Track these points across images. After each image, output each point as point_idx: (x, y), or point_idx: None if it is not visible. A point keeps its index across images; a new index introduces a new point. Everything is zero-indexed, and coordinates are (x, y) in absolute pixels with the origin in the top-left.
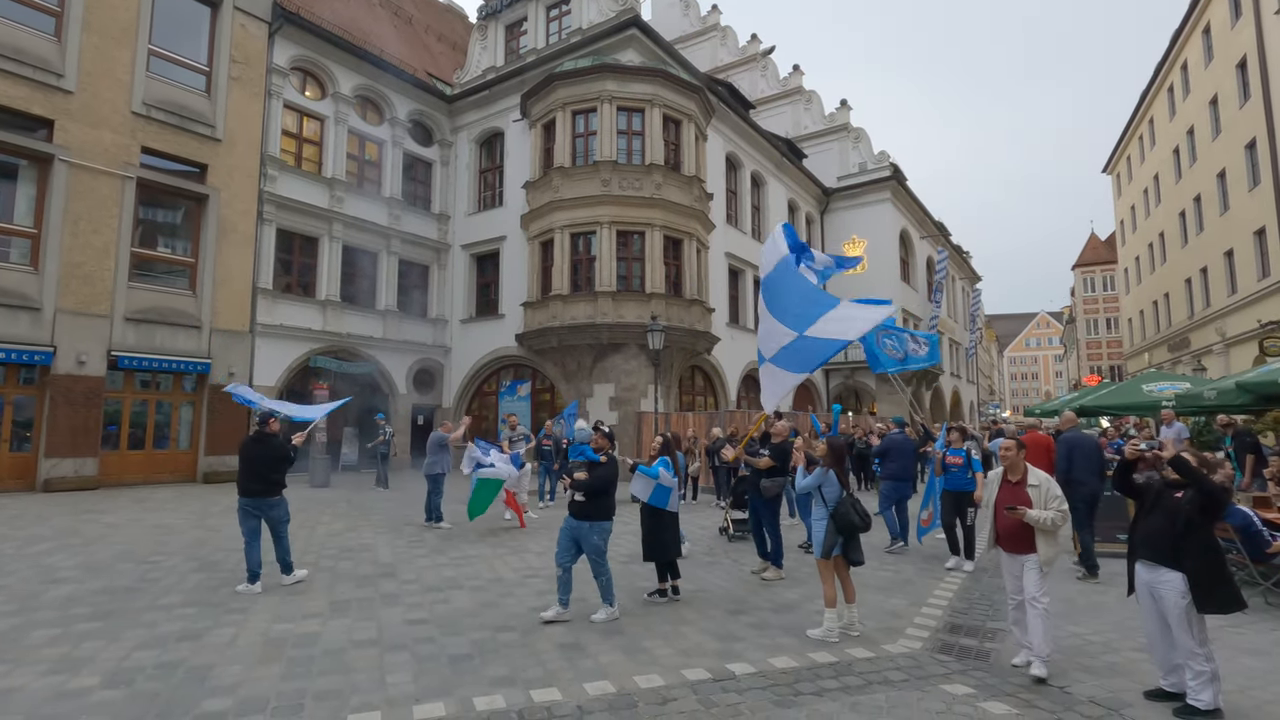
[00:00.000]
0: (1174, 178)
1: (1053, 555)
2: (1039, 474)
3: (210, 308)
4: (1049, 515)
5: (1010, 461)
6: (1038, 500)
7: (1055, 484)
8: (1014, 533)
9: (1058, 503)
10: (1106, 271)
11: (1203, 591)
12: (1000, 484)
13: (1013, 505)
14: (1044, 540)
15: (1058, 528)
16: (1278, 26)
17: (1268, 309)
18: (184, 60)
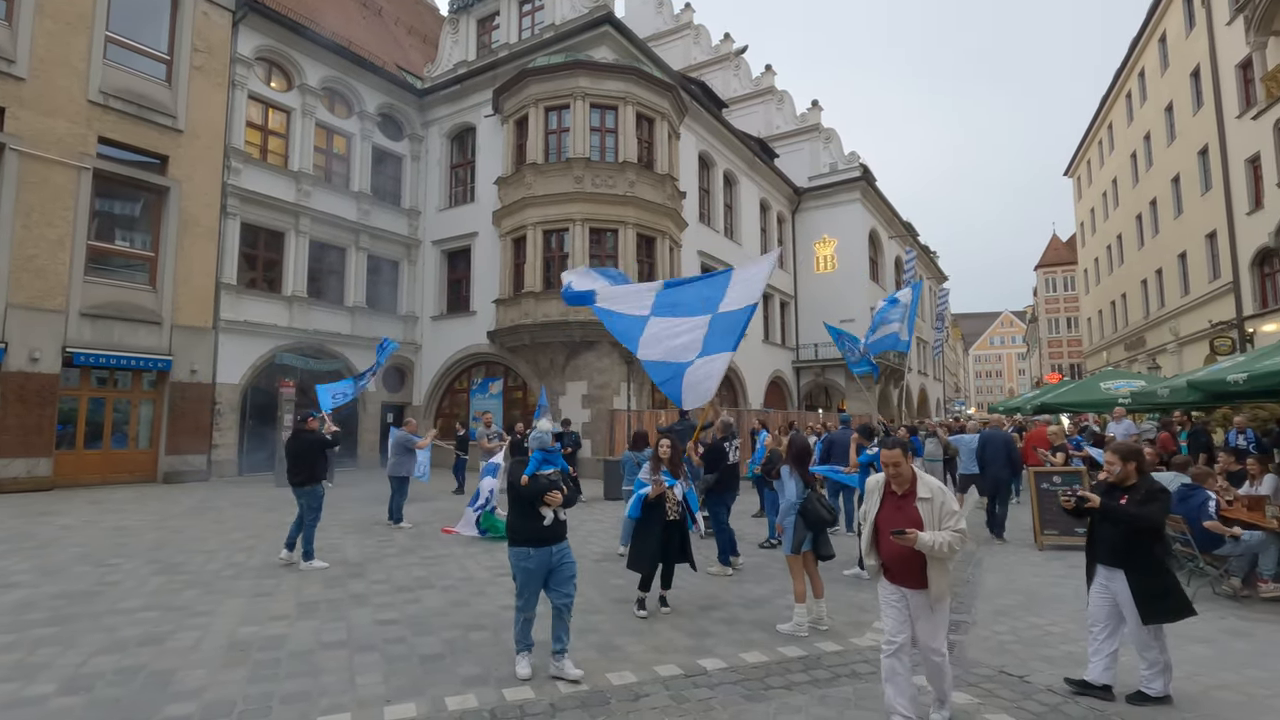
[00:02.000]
0: (1131, 182)
1: (945, 589)
2: (931, 483)
3: (171, 303)
4: (944, 538)
5: (895, 469)
6: (929, 518)
7: (951, 496)
8: (904, 561)
9: (954, 520)
10: (1067, 272)
11: (1144, 602)
12: (883, 497)
13: (901, 529)
14: (935, 569)
15: (954, 554)
16: (1229, 37)
17: (1218, 309)
18: (143, 48)
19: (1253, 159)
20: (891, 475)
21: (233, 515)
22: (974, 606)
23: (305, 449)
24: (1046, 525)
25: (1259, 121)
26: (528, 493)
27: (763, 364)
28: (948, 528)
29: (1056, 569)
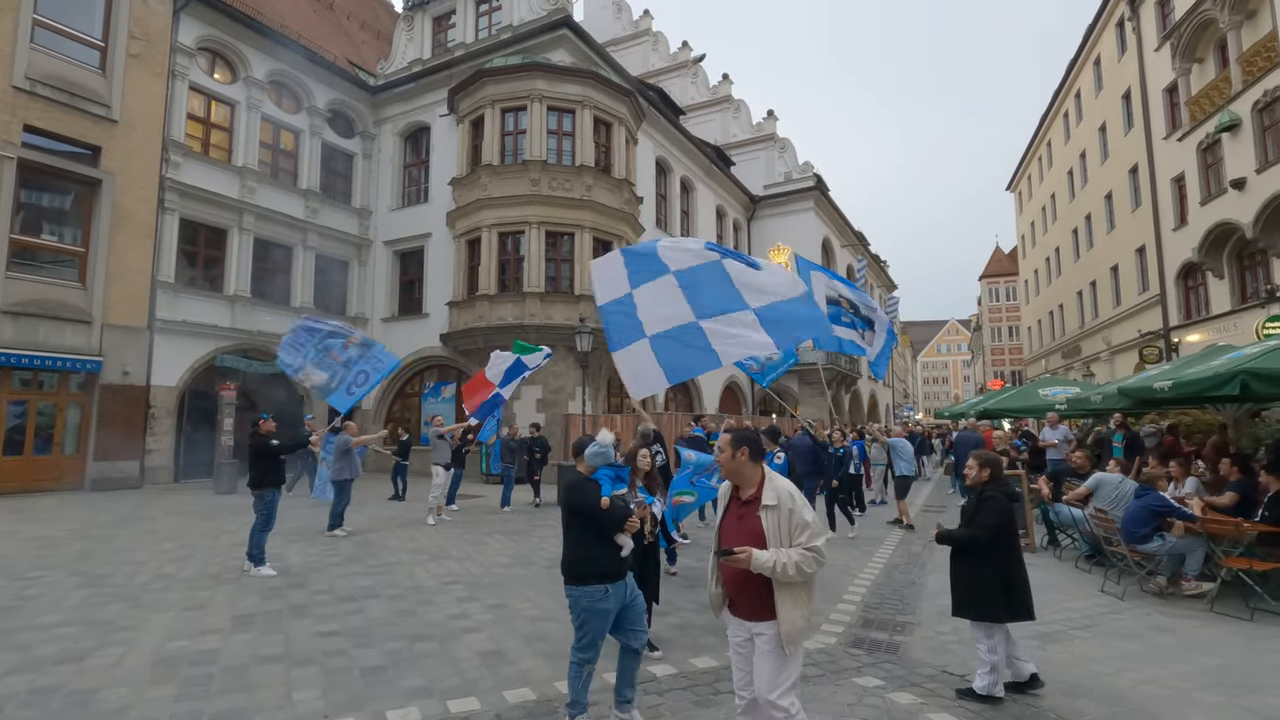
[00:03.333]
0: (1068, 197)
1: (801, 625)
2: (781, 488)
3: (102, 301)
4: (788, 558)
5: (731, 468)
6: (774, 531)
7: (804, 504)
8: (745, 587)
9: (805, 534)
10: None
11: (956, 594)
12: (729, 504)
13: (728, 549)
14: (785, 599)
15: (805, 578)
16: (1157, 63)
17: (1146, 320)
18: (75, 33)
19: (1178, 178)
20: (726, 474)
21: (166, 524)
22: (918, 607)
23: (256, 452)
24: None
25: (1184, 143)
26: (608, 518)
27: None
28: (798, 544)
29: None
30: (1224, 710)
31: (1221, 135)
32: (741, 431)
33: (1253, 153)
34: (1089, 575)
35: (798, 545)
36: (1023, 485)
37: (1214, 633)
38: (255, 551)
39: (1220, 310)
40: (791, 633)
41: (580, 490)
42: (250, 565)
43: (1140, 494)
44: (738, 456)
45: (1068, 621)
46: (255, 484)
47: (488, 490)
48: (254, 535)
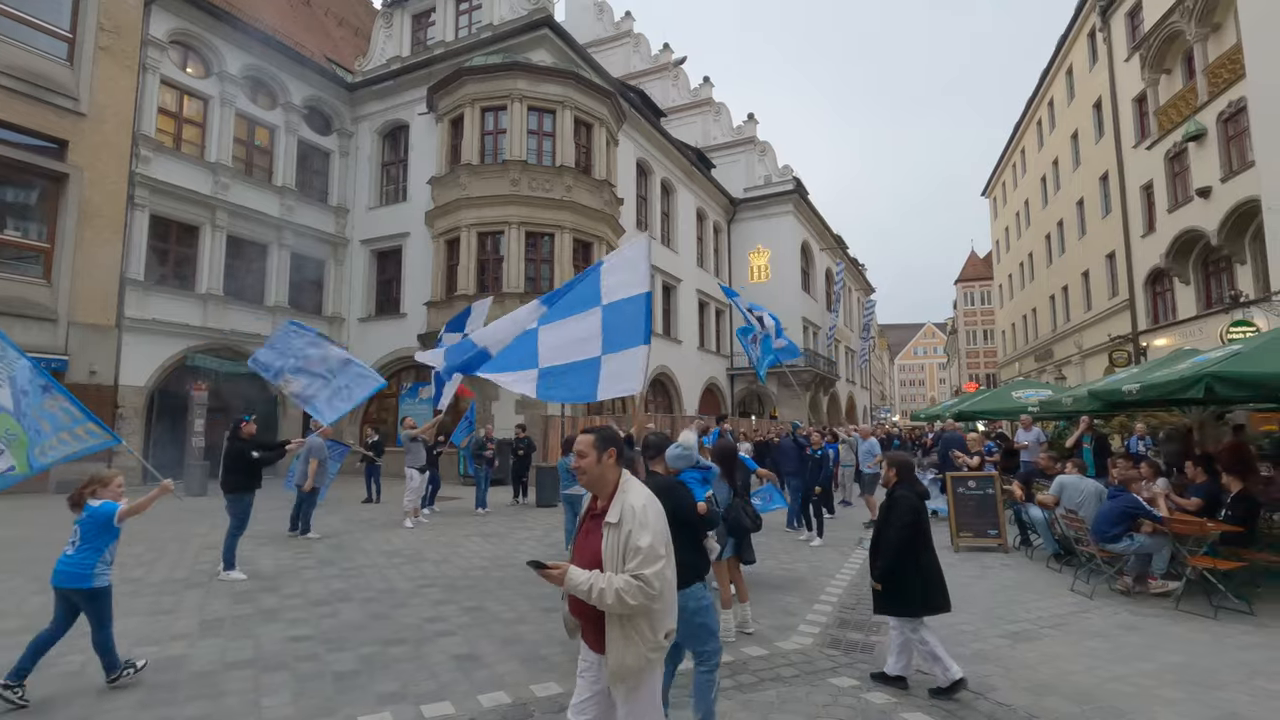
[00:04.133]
0: (1041, 203)
1: (633, 665)
2: (629, 501)
3: (69, 299)
4: (607, 584)
5: (595, 474)
6: (610, 550)
7: (647, 525)
8: (581, 610)
9: (637, 561)
10: (984, 287)
11: (877, 597)
12: (586, 513)
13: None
14: (614, 632)
15: (628, 609)
16: (1127, 73)
17: (1116, 324)
18: (41, 24)
19: (1147, 186)
20: (587, 482)
21: (132, 527)
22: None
23: (233, 456)
24: (962, 528)
25: (1152, 151)
26: (704, 523)
27: (698, 371)
28: (629, 570)
29: (970, 569)
30: (1188, 706)
31: (1188, 144)
32: (606, 430)
33: (1217, 162)
34: (1059, 575)
35: (629, 568)
36: (995, 487)
37: (1179, 630)
38: (227, 555)
39: (1186, 315)
40: (619, 671)
41: (675, 495)
42: (220, 568)
43: (1113, 495)
44: (604, 460)
45: (1038, 620)
46: (230, 487)
47: (465, 492)
48: (229, 539)
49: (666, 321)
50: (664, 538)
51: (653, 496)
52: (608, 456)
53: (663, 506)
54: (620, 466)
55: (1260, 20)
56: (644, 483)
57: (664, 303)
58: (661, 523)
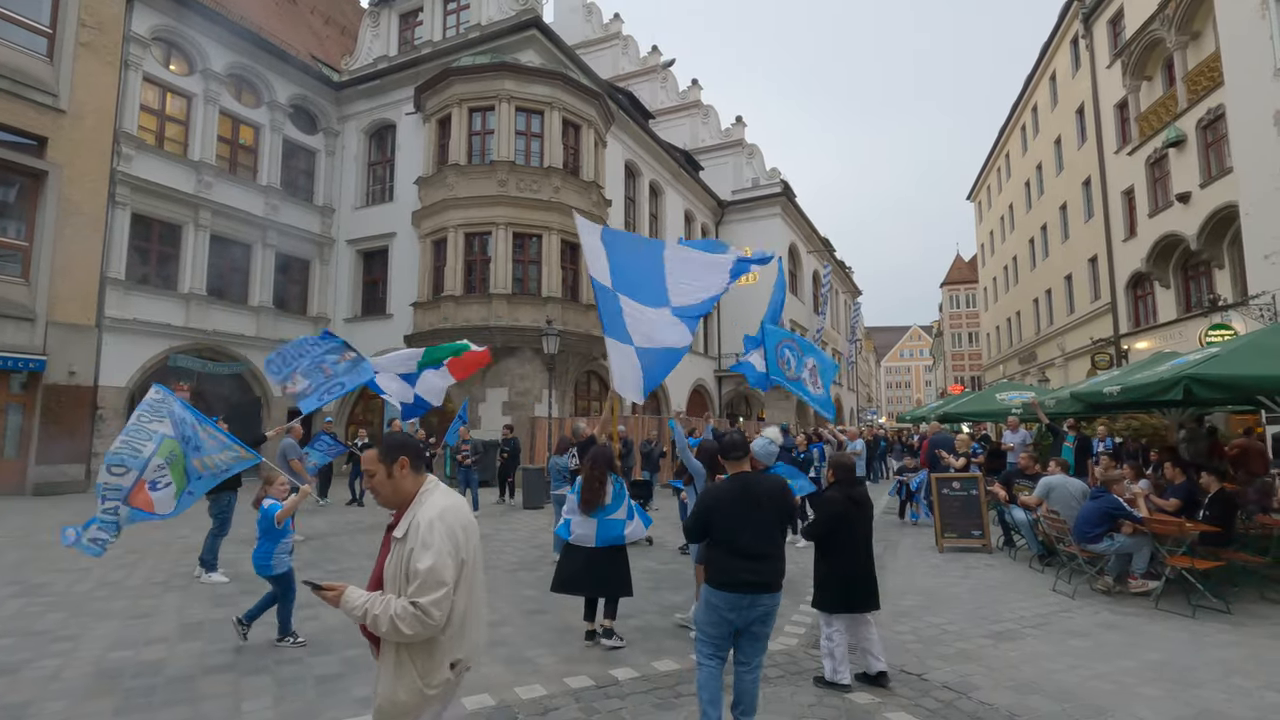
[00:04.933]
0: (1025, 208)
1: (405, 702)
2: (419, 518)
3: (47, 298)
4: (386, 609)
5: (387, 490)
6: (392, 569)
7: (430, 546)
8: (372, 635)
9: (414, 585)
10: (970, 290)
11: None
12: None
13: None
14: (388, 660)
15: (402, 638)
16: (1109, 79)
17: (1098, 328)
18: (20, 19)
19: (1128, 191)
20: (383, 500)
21: None
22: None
23: None
24: (947, 528)
25: (1133, 157)
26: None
27: (685, 372)
28: (409, 594)
29: (955, 570)
30: (1165, 704)
31: (1168, 150)
32: (396, 437)
33: (1197, 168)
34: (1041, 575)
35: (408, 591)
36: (980, 488)
37: (1158, 629)
38: (208, 557)
39: (1167, 318)
40: (387, 707)
41: (789, 492)
42: (201, 571)
43: (1095, 495)
44: (396, 472)
45: (1021, 620)
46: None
47: None
48: (210, 540)
49: None
50: (453, 560)
51: (453, 510)
52: (399, 467)
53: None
54: (418, 474)
55: (1238, 28)
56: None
57: None
58: (452, 543)
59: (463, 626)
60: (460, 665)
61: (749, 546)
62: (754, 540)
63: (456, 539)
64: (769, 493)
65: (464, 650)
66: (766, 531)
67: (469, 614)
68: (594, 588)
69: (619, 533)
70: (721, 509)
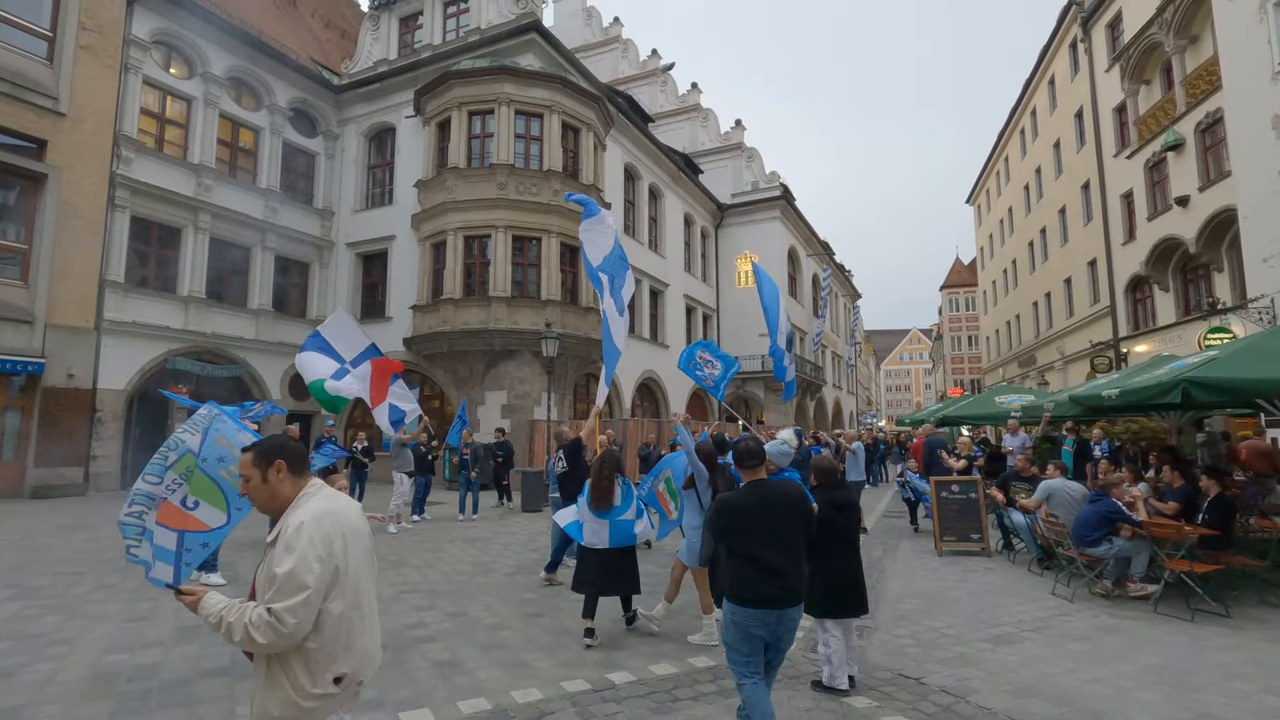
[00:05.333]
0: (1024, 211)
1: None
2: (297, 515)
3: (46, 300)
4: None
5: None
6: (262, 574)
7: (305, 542)
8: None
9: (272, 591)
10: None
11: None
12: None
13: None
14: (261, 671)
15: (256, 648)
16: (1107, 83)
17: (1097, 331)
18: (20, 22)
19: (1127, 195)
20: (260, 506)
21: (109, 534)
22: (877, 612)
23: None
24: (946, 532)
25: (1132, 161)
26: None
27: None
28: (265, 599)
29: (954, 573)
30: (1164, 708)
31: (1167, 154)
32: (273, 440)
33: (1195, 171)
34: (1040, 579)
35: (264, 599)
36: (979, 491)
37: (1157, 633)
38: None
39: (1166, 322)
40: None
41: (805, 495)
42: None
43: (1094, 499)
44: (272, 477)
45: (1020, 624)
46: None
47: (450, 497)
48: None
49: (653, 326)
50: (320, 565)
51: (332, 514)
52: (275, 471)
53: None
54: (298, 477)
55: (1236, 32)
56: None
57: (651, 308)
58: (323, 548)
59: (347, 638)
60: (348, 680)
61: (773, 560)
62: (778, 554)
63: (331, 544)
64: (789, 501)
65: (351, 664)
66: (790, 543)
67: (355, 625)
68: (608, 588)
69: (630, 533)
70: (740, 522)
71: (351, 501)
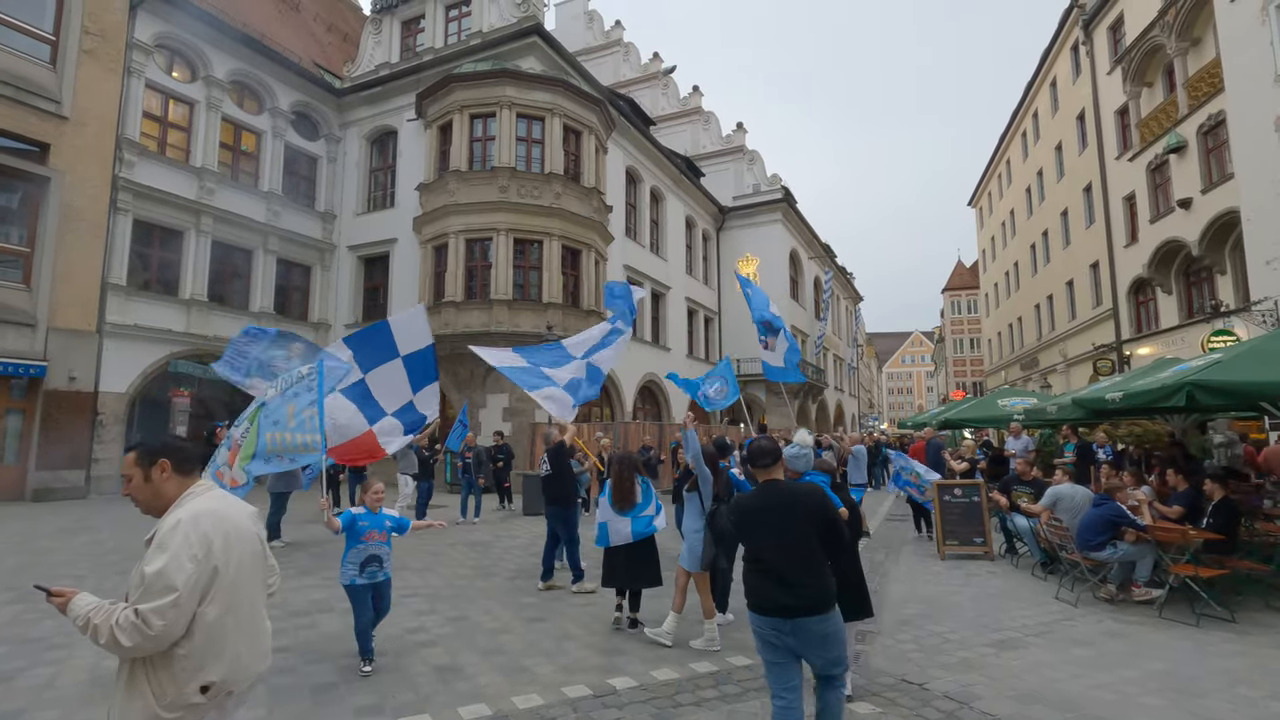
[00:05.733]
0: (1026, 214)
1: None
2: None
3: (48, 303)
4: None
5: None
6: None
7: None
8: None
9: (139, 592)
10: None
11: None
12: None
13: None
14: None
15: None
16: (1109, 85)
17: (1100, 333)
18: (23, 25)
19: (1129, 197)
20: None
21: (111, 536)
22: (880, 616)
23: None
24: (949, 535)
25: (1134, 163)
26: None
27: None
28: (132, 600)
29: (956, 578)
30: (1169, 714)
31: (1169, 156)
32: (158, 439)
33: (1198, 174)
34: (1044, 583)
35: (130, 600)
36: (981, 494)
37: (1162, 638)
38: None
39: (1169, 324)
40: None
41: (816, 499)
42: None
43: (1099, 503)
44: (155, 476)
45: (1023, 629)
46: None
47: (451, 500)
48: None
49: (655, 329)
50: (193, 565)
51: (213, 515)
52: (159, 470)
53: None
54: (184, 477)
55: (1238, 34)
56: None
57: (653, 310)
58: (199, 548)
59: (219, 644)
60: (216, 689)
61: (778, 565)
62: (783, 557)
63: (209, 544)
64: (802, 503)
65: (221, 672)
66: (799, 547)
67: (230, 631)
68: (636, 580)
69: (650, 526)
70: (744, 523)
71: (244, 504)
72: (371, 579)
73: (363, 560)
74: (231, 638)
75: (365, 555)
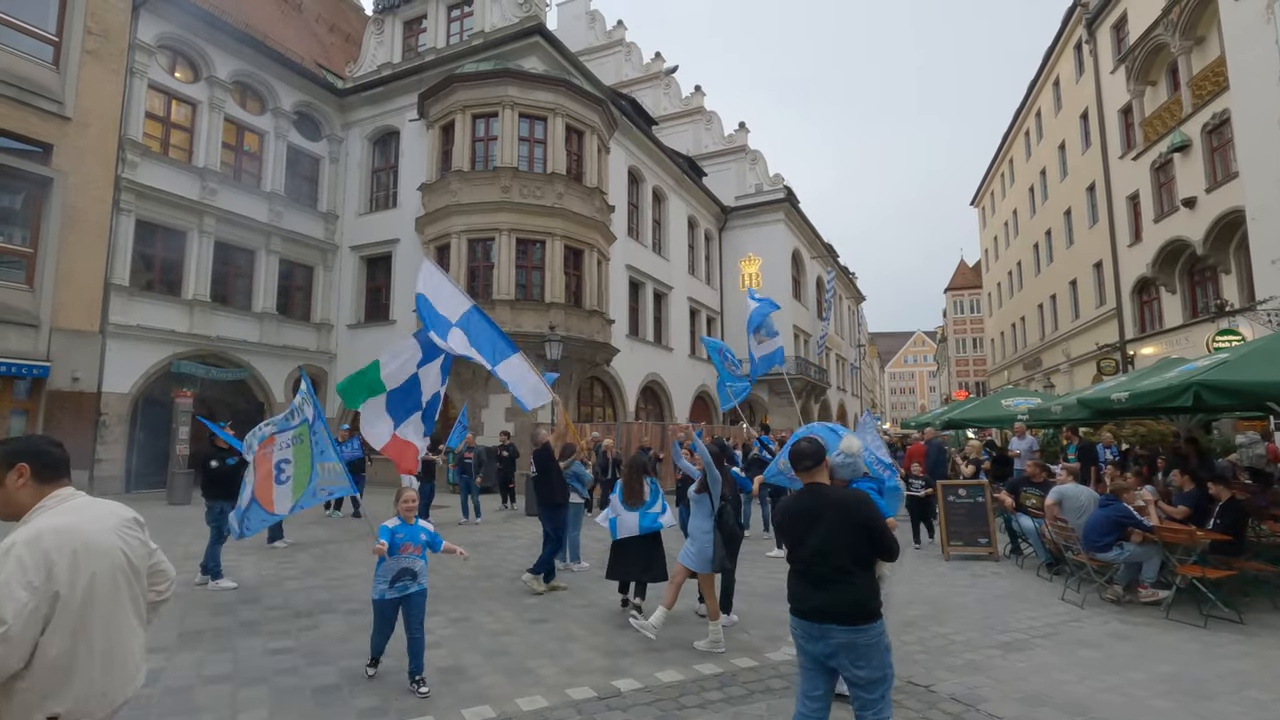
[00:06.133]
0: (1029, 213)
1: None
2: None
3: (51, 304)
4: None
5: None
6: None
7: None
8: None
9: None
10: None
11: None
12: None
13: None
14: None
15: None
16: (1113, 84)
17: (1104, 333)
18: (26, 26)
19: (1133, 196)
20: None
21: None
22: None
23: (197, 463)
24: (953, 536)
25: (1138, 162)
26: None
27: (688, 378)
28: None
29: (961, 579)
30: (1178, 716)
31: (1173, 155)
32: (21, 441)
33: (1202, 173)
34: (1050, 584)
35: None
36: (986, 495)
37: (1170, 639)
38: (211, 564)
39: (1173, 324)
40: None
41: (864, 511)
42: (207, 578)
43: (1105, 504)
44: (10, 481)
45: (1030, 630)
46: (206, 494)
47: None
48: (209, 549)
49: (657, 329)
50: (26, 593)
51: (58, 531)
52: (15, 476)
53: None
54: (44, 485)
55: (1242, 33)
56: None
57: (655, 311)
58: (37, 573)
59: (66, 673)
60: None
61: (809, 567)
62: (813, 560)
63: (50, 567)
64: (839, 506)
65: (68, 703)
66: (832, 550)
67: (80, 658)
68: (642, 574)
69: (655, 522)
70: (788, 526)
71: (105, 515)
72: (402, 592)
73: (395, 574)
74: (83, 665)
75: (398, 568)
